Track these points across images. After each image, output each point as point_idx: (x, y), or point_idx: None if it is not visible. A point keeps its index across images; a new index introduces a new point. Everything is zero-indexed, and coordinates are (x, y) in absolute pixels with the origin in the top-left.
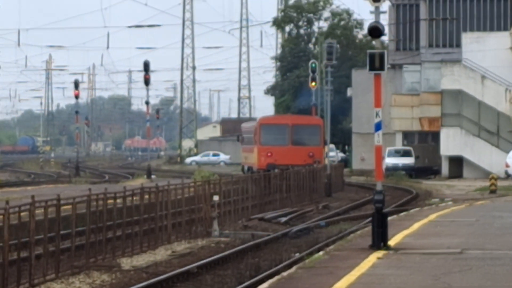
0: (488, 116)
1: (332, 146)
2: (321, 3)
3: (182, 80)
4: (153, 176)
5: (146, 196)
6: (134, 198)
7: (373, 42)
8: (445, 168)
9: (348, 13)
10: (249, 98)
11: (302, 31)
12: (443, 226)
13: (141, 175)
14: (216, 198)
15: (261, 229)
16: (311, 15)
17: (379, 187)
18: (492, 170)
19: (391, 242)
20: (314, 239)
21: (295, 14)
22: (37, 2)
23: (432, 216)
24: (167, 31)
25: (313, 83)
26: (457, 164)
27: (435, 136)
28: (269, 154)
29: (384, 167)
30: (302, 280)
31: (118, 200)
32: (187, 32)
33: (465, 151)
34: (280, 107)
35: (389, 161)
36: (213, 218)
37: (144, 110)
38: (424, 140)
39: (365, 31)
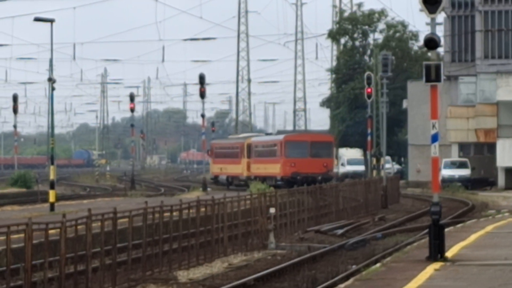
0: None
1: (388, 158)
2: (376, 15)
3: (237, 93)
4: (209, 189)
5: (202, 209)
6: (190, 211)
7: (429, 54)
8: (501, 180)
9: (403, 25)
10: (304, 110)
11: (357, 43)
12: (500, 237)
13: (197, 188)
14: (272, 210)
15: (317, 241)
16: (366, 27)
17: (435, 198)
18: None
19: (448, 254)
20: (371, 251)
21: (350, 26)
22: (92, 16)
23: (489, 228)
24: (222, 44)
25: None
26: None
27: (491, 147)
28: (292, 164)
29: (440, 178)
30: None
31: (174, 213)
32: (242, 45)
33: None
34: (336, 119)
35: (445, 172)
36: (269, 230)
37: (199, 123)
38: (480, 152)
39: (420, 42)
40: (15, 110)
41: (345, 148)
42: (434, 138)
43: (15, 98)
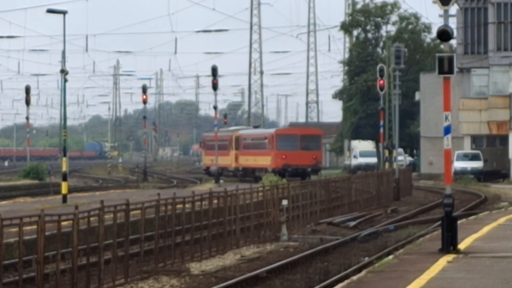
0: None
1: (400, 150)
2: (389, 7)
3: (250, 85)
4: (221, 181)
5: (215, 201)
6: (203, 202)
7: (441, 46)
8: None
9: (416, 17)
10: (317, 102)
11: (369, 35)
12: None
13: (209, 180)
14: (285, 202)
15: (330, 233)
16: (379, 19)
17: (448, 190)
18: None
19: (461, 246)
20: (383, 243)
21: (362, 18)
22: (104, 8)
23: (502, 220)
24: (235, 35)
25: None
26: None
27: (504, 139)
28: (283, 156)
29: (452, 171)
30: (372, 284)
31: (187, 205)
32: (255, 36)
33: None
34: (348, 111)
35: (458, 165)
36: (282, 222)
37: (211, 115)
38: (493, 144)
39: (433, 35)
40: (27, 102)
41: (358, 140)
42: (447, 130)
43: (27, 90)
